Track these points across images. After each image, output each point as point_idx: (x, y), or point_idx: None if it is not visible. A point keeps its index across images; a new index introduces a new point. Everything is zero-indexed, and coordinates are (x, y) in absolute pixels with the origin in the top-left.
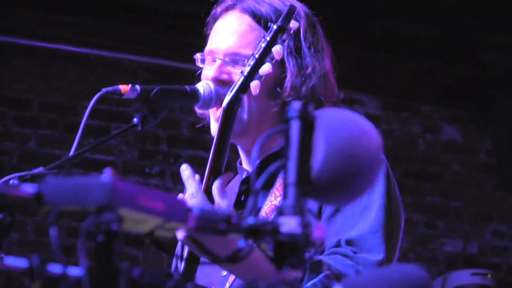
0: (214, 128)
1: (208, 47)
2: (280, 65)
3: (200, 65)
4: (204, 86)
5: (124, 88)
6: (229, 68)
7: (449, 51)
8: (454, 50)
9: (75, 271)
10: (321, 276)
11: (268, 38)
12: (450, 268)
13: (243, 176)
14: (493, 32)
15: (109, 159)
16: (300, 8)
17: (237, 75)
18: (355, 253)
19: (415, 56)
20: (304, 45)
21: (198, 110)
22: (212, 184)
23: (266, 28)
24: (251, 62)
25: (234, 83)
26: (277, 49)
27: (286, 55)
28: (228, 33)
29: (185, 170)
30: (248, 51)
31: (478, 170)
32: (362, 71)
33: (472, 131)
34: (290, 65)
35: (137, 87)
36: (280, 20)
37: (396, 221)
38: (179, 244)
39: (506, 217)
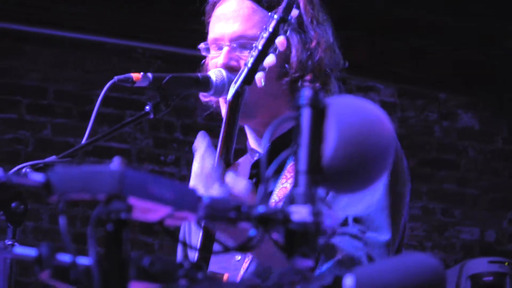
0: (224, 111)
1: (211, 35)
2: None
3: (205, 55)
4: (216, 73)
5: (136, 76)
6: (238, 54)
7: (465, 37)
8: (470, 37)
9: (84, 260)
10: (333, 261)
11: (270, 29)
12: (467, 256)
13: (255, 158)
14: (511, 18)
15: (123, 147)
16: None
17: (246, 60)
18: (363, 232)
19: (431, 43)
20: (305, 19)
21: (203, 98)
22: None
23: (269, 8)
24: (254, 54)
25: (238, 75)
26: (280, 40)
27: (290, 31)
28: (231, 18)
29: (201, 145)
30: (254, 33)
31: (494, 157)
32: (377, 59)
33: (489, 118)
34: (294, 41)
35: (149, 75)
36: (280, 10)
37: (401, 199)
38: (186, 232)
39: None
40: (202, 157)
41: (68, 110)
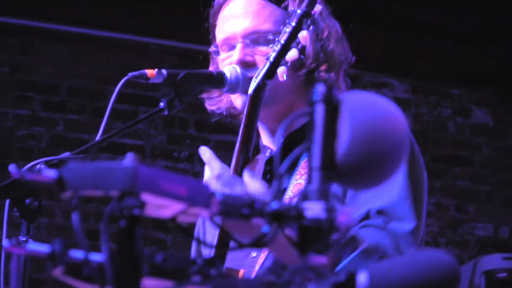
0: (238, 102)
1: (221, 36)
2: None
3: (215, 57)
4: (230, 70)
5: (150, 72)
6: (251, 49)
7: (479, 33)
8: (485, 33)
9: (97, 257)
10: (358, 251)
11: (293, 24)
12: (481, 252)
13: (267, 154)
14: None
15: (137, 143)
16: None
17: (261, 55)
18: (387, 222)
19: (445, 39)
20: (314, 11)
21: (209, 107)
22: (239, 171)
23: (278, 2)
24: (276, 48)
25: (259, 69)
26: (303, 35)
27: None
28: (241, 15)
29: (205, 152)
30: (267, 27)
31: (508, 153)
32: (391, 55)
33: (503, 114)
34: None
35: (163, 71)
36: (304, 5)
37: (421, 191)
38: (200, 230)
39: None
40: (211, 161)
41: (81, 106)
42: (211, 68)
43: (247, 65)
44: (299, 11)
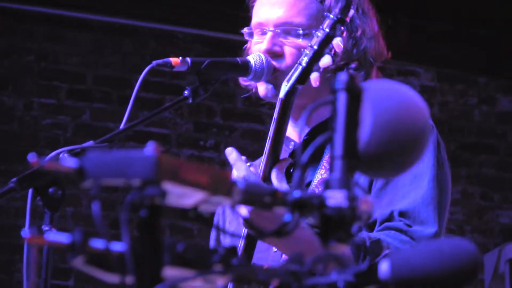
0: (261, 89)
1: (255, 20)
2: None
3: (248, 39)
4: (255, 58)
5: (174, 60)
6: (282, 39)
7: (506, 21)
8: (509, 21)
9: (118, 246)
10: (380, 257)
11: (327, 30)
12: (506, 239)
13: (290, 147)
14: None
15: (163, 132)
16: None
17: (290, 46)
18: (409, 226)
19: (471, 27)
20: (351, 8)
21: (243, 82)
22: (269, 172)
23: None
24: (309, 53)
25: (291, 73)
26: (337, 42)
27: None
28: (277, 3)
29: (231, 153)
30: (299, 20)
31: None
32: (417, 43)
33: None
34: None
35: (188, 59)
36: (338, 11)
37: (445, 192)
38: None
39: None
40: (237, 162)
41: (107, 95)
42: (243, 51)
43: (275, 54)
44: (331, 16)
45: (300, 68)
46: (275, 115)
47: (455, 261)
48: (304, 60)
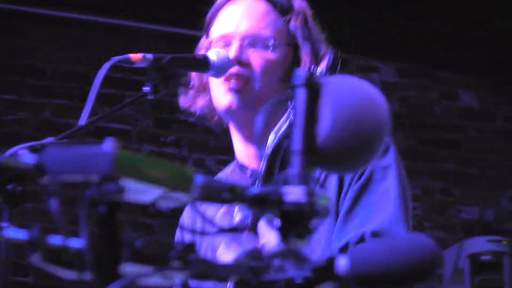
0: (225, 100)
1: (219, 33)
2: (294, 49)
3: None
4: (216, 53)
5: (135, 56)
6: (247, 51)
7: (465, 16)
8: (470, 16)
9: (76, 243)
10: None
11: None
12: (467, 235)
13: (247, 175)
14: None
15: (124, 128)
16: None
17: (258, 57)
18: None
19: (431, 22)
20: (313, 29)
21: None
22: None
23: (282, 12)
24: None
25: (279, 126)
26: None
27: (302, 41)
28: (245, 15)
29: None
30: (267, 33)
31: (495, 136)
32: (378, 38)
33: (490, 97)
34: (306, 49)
35: (149, 55)
36: (325, 68)
37: (410, 205)
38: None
39: None
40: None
41: (69, 91)
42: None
43: (242, 63)
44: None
45: (288, 122)
46: (262, 169)
47: (414, 257)
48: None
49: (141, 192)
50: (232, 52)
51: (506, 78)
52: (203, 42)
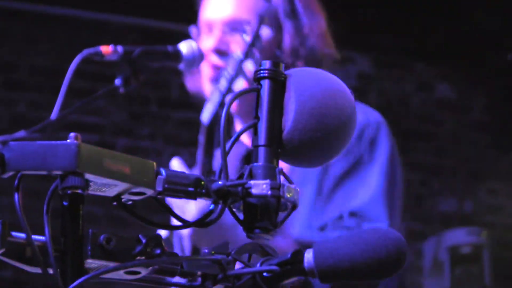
0: (206, 88)
1: (203, 18)
2: (277, 27)
3: (196, 38)
4: (186, 45)
5: (106, 49)
6: (228, 37)
7: (442, 8)
8: (447, 7)
9: (40, 237)
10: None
11: (240, 56)
12: (445, 227)
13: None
14: None
15: (97, 121)
16: None
17: (236, 43)
18: (359, 224)
19: (408, 13)
20: (299, 6)
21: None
22: None
23: None
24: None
25: (213, 97)
26: (249, 68)
27: (283, 17)
28: (224, 0)
29: (176, 166)
30: (247, 17)
31: (472, 128)
32: (354, 28)
33: (466, 88)
34: (287, 26)
35: (119, 48)
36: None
37: (398, 187)
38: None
39: (500, 175)
40: None
41: (42, 85)
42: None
43: (222, 53)
44: (247, 39)
45: (220, 94)
46: (201, 140)
47: (380, 251)
48: (223, 85)
49: (104, 185)
50: (211, 42)
51: (482, 70)
52: (194, 29)
